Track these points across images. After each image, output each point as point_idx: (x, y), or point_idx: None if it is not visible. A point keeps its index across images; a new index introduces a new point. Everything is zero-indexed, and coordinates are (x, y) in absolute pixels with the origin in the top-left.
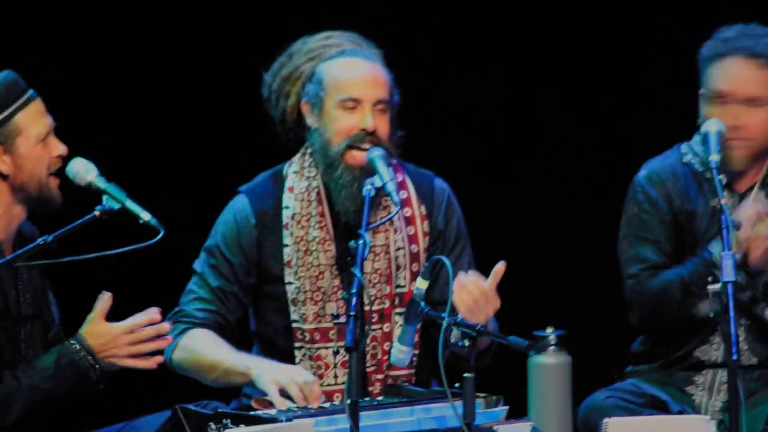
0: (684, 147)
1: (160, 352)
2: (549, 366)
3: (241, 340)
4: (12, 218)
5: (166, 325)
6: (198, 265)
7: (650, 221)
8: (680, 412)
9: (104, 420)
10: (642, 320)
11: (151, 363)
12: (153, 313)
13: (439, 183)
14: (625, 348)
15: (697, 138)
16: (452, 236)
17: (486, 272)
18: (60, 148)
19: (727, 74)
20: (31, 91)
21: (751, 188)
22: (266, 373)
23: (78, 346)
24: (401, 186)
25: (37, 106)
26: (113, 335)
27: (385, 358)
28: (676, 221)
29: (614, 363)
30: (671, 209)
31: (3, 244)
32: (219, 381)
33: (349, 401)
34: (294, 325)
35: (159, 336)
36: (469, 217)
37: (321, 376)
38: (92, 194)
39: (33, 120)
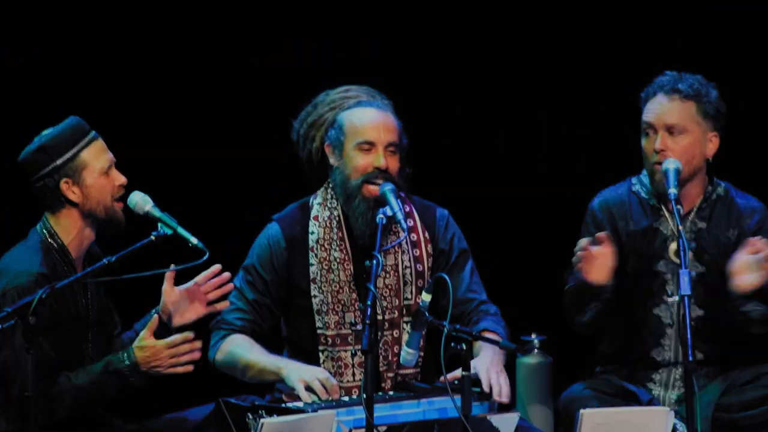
0: (634, 179)
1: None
2: (533, 366)
3: (273, 344)
4: (83, 240)
5: (197, 342)
6: (237, 281)
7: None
8: (650, 401)
9: (156, 412)
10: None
11: (186, 368)
12: (189, 334)
13: (440, 211)
14: (595, 350)
15: (645, 171)
16: (453, 252)
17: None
18: (121, 179)
19: (653, 108)
20: (93, 132)
21: (689, 212)
22: (293, 372)
23: (125, 358)
24: (409, 216)
25: (99, 144)
26: (157, 350)
27: (396, 358)
28: (619, 241)
29: (587, 362)
30: (615, 230)
31: (75, 261)
32: (254, 379)
33: (364, 395)
34: (318, 331)
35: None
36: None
37: (341, 375)
38: (145, 220)
39: (96, 156)
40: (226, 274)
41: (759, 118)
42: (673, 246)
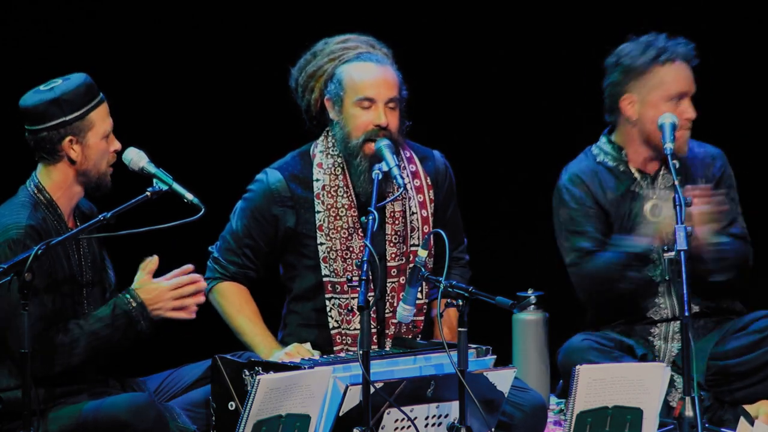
0: (595, 149)
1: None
2: (529, 322)
3: (276, 302)
4: (72, 195)
5: (203, 283)
6: (234, 221)
7: (577, 216)
8: (644, 356)
9: (154, 368)
10: (589, 298)
11: (190, 314)
12: (190, 270)
13: (438, 155)
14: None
15: (604, 139)
16: (447, 197)
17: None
18: (117, 145)
19: (681, 76)
20: (102, 95)
21: (658, 170)
22: (277, 356)
23: (131, 299)
24: (409, 161)
25: (105, 107)
26: (160, 291)
27: None
28: (602, 211)
29: (580, 322)
30: (595, 202)
31: (66, 216)
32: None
33: (361, 352)
34: (325, 279)
35: (197, 291)
36: (463, 192)
37: (348, 323)
38: (142, 177)
39: (102, 119)
40: (203, 284)
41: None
42: (647, 206)
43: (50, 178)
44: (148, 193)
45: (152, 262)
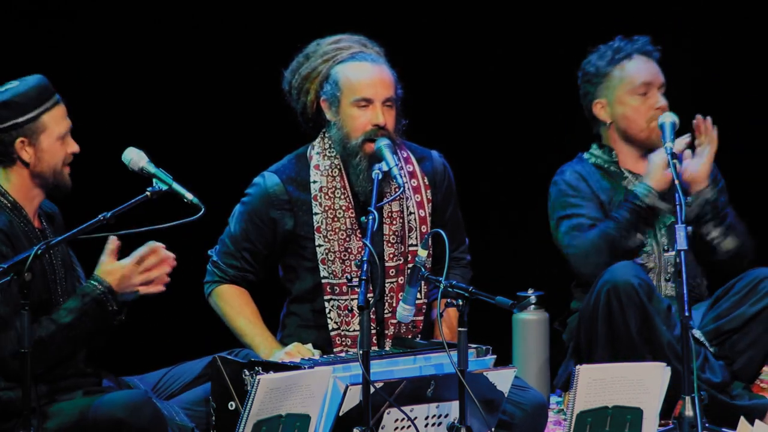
0: (586, 155)
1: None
2: (529, 322)
3: (275, 304)
4: (33, 197)
5: (165, 252)
6: (232, 225)
7: (575, 201)
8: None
9: (153, 368)
10: (583, 265)
11: (159, 287)
12: (153, 244)
13: (436, 155)
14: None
15: (594, 145)
16: (446, 197)
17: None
18: (74, 147)
19: (644, 68)
20: (57, 96)
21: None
22: (277, 356)
23: (98, 285)
24: (407, 161)
25: (61, 109)
26: (125, 271)
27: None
28: (599, 200)
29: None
30: (592, 191)
31: (31, 217)
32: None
33: (361, 352)
34: (324, 280)
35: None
36: (463, 192)
37: (348, 324)
38: (142, 177)
39: (56, 121)
40: (168, 255)
41: None
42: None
43: (9, 181)
44: (148, 193)
45: (112, 243)
